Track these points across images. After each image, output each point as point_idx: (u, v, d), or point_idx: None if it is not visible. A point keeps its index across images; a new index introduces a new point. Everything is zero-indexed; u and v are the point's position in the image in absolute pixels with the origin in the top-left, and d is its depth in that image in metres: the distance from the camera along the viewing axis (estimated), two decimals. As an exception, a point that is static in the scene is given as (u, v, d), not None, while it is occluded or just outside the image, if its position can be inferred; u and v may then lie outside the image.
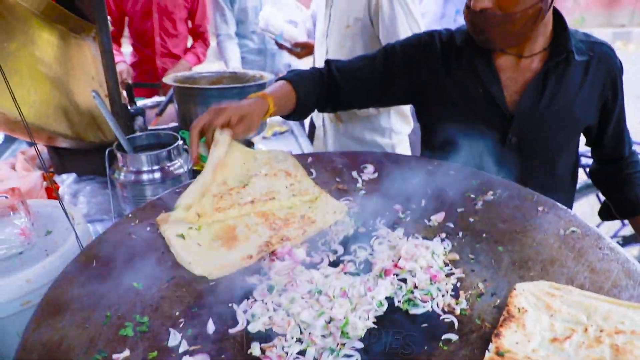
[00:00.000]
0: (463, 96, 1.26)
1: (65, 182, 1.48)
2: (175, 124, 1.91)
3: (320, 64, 2.00)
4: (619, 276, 0.78)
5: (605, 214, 1.55)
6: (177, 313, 0.76)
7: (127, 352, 0.68)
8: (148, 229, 0.96)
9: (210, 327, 0.74)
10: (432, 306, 0.78)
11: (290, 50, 2.59)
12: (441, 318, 0.76)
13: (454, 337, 0.71)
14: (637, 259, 2.85)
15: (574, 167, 1.37)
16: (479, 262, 0.87)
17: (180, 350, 0.69)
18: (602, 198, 3.15)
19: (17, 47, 1.21)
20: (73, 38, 1.38)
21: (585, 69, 1.21)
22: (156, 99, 2.40)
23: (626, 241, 3.06)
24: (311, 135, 2.86)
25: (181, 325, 0.74)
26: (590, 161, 2.88)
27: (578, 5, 11.40)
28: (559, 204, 0.99)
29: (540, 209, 0.98)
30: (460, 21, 1.73)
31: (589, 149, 3.14)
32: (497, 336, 0.68)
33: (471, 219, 0.98)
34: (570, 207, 1.39)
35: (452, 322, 0.74)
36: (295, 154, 1.22)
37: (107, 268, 0.85)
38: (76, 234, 0.90)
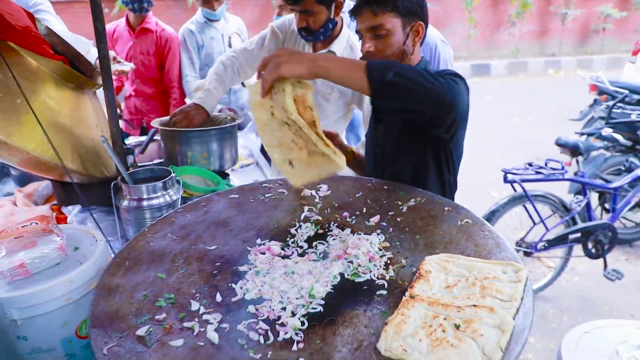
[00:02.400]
0: None
1: (72, 212, 1.76)
2: (157, 160, 2.23)
3: None
4: (492, 247, 1.17)
5: None
6: (193, 291, 1.09)
7: (164, 314, 0.99)
8: (161, 238, 1.28)
9: (219, 298, 1.06)
10: (370, 276, 1.14)
11: None
12: (376, 282, 1.11)
13: (384, 292, 1.07)
14: (561, 260, 3.35)
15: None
16: (403, 247, 1.24)
17: (201, 312, 1.01)
18: (529, 208, 3.63)
19: (40, 103, 1.52)
20: (80, 93, 1.69)
21: None
22: (137, 138, 2.72)
23: (550, 244, 3.53)
24: None
25: (197, 298, 1.06)
26: (516, 177, 3.36)
27: (513, 37, 12.54)
28: (460, 205, 1.39)
29: (446, 209, 1.37)
30: None
31: (518, 165, 3.62)
32: (411, 287, 1.05)
33: (398, 219, 1.36)
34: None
35: (383, 284, 1.10)
36: (266, 180, 1.57)
37: (137, 265, 1.16)
38: (110, 246, 1.20)
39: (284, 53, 1.25)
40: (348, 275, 1.15)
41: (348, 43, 2.33)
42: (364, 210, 1.42)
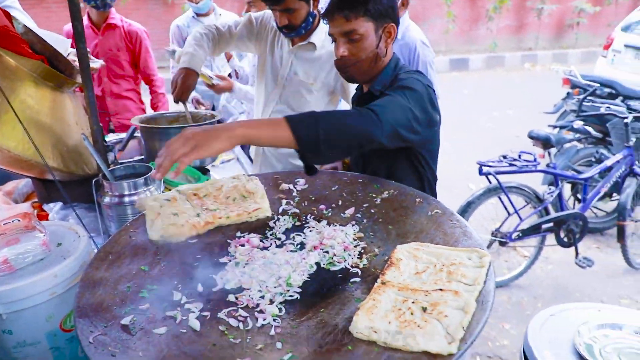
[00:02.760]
0: None
1: (53, 209, 1.78)
2: (137, 157, 2.25)
3: (262, 102, 2.42)
4: (459, 235, 1.24)
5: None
6: (175, 282, 1.13)
7: (147, 304, 1.04)
8: (143, 233, 1.32)
9: (200, 288, 1.11)
10: (345, 265, 1.20)
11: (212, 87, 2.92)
12: (350, 271, 1.17)
13: (358, 279, 1.13)
14: (535, 249, 3.47)
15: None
16: (376, 237, 1.30)
17: (182, 301, 1.06)
18: (504, 200, 3.74)
19: (20, 101, 1.53)
20: (59, 92, 1.71)
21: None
22: (117, 136, 2.73)
23: (524, 233, 3.63)
24: None
25: (179, 289, 1.11)
26: (491, 170, 3.46)
27: (490, 31, 12.74)
28: (431, 197, 1.46)
29: (417, 200, 1.44)
30: None
31: (492, 158, 3.71)
32: (383, 274, 1.11)
33: (372, 210, 1.42)
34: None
35: (357, 272, 1.16)
36: (243, 175, 1.61)
37: (120, 259, 1.20)
38: (93, 241, 1.24)
39: (194, 134, 1.18)
40: (324, 264, 1.21)
41: (327, 34, 2.34)
42: (340, 203, 1.48)
